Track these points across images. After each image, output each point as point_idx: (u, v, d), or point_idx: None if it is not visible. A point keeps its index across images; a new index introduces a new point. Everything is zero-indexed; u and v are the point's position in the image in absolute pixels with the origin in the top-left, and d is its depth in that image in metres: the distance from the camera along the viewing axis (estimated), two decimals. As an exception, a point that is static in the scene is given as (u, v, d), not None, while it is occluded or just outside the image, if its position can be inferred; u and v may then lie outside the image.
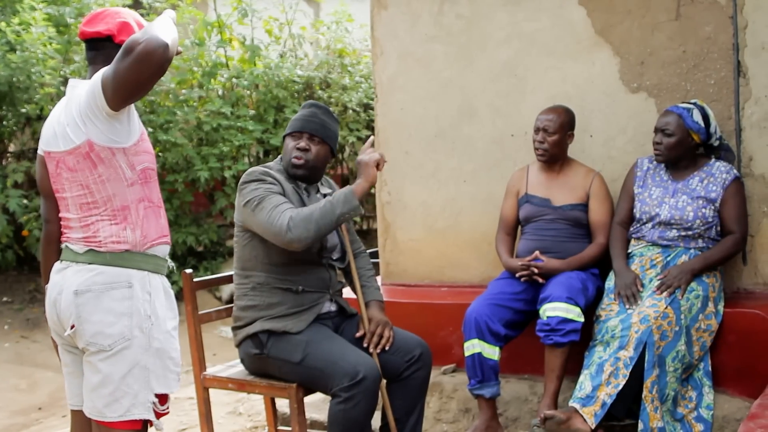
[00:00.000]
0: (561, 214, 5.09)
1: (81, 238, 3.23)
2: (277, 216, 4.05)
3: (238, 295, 4.43)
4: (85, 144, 3.12)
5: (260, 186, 4.22)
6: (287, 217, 4.02)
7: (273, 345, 4.26)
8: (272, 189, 4.20)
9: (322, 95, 9.56)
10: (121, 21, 3.27)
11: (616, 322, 4.60)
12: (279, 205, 4.10)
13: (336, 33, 10.17)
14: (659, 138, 4.88)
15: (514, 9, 5.65)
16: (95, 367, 3.19)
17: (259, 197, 4.16)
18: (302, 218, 4.01)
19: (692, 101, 4.94)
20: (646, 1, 5.31)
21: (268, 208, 4.09)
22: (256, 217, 4.15)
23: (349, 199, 4.04)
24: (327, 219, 4.02)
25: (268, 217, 4.07)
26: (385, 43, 6.08)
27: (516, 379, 5.31)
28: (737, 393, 4.81)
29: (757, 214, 5.13)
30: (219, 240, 9.48)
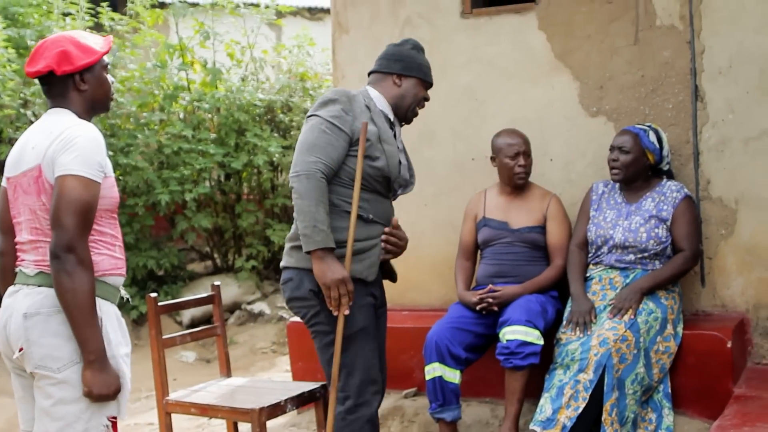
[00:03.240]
0: (519, 237, 5.11)
1: (32, 260, 3.21)
2: (307, 154, 3.90)
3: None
4: (36, 168, 3.15)
5: (338, 116, 3.99)
6: (309, 167, 3.86)
7: None
8: (341, 128, 3.97)
9: (283, 119, 9.55)
10: (59, 51, 3.23)
11: (576, 345, 4.61)
12: (321, 148, 3.91)
13: (298, 57, 10.15)
14: (616, 155, 4.92)
15: (474, 33, 5.68)
16: (46, 392, 3.15)
17: (324, 123, 3.96)
18: (307, 189, 3.84)
19: (647, 124, 5.00)
20: (605, 26, 5.37)
21: (314, 138, 3.93)
22: (303, 131, 4.04)
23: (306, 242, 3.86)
24: (301, 214, 3.84)
25: (306, 146, 3.93)
26: (346, 68, 6.10)
27: (477, 402, 5.30)
28: (697, 415, 4.83)
29: (715, 236, 5.18)
30: (180, 264, 9.42)
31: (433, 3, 5.80)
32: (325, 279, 3.86)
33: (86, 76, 3.28)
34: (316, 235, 3.83)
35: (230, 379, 5.03)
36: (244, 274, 9.32)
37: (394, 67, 4.27)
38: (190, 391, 4.79)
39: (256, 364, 7.96)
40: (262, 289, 9.51)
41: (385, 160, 4.10)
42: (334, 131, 3.96)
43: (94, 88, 3.31)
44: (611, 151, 4.97)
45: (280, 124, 9.64)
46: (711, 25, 5.15)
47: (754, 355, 5.16)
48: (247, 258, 9.45)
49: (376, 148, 4.06)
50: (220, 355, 5.09)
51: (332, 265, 3.87)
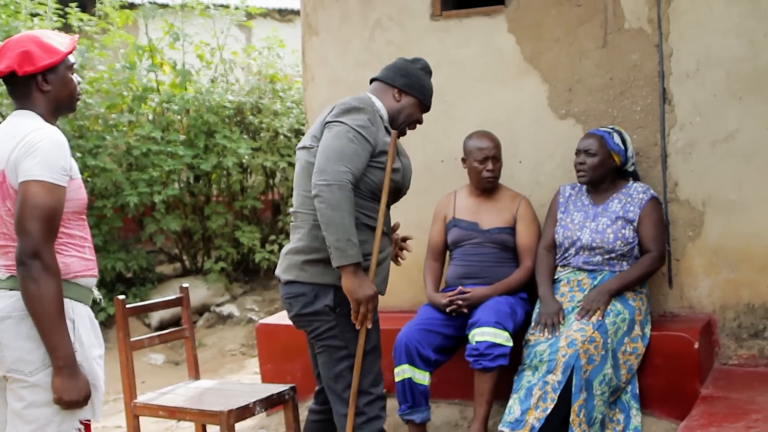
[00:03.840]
0: (488, 238, 5.13)
1: (3, 264, 3.19)
2: (336, 162, 3.76)
3: (313, 223, 3.91)
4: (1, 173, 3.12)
5: (364, 126, 3.90)
6: (341, 177, 3.74)
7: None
8: (368, 138, 3.88)
9: (253, 120, 9.52)
10: (21, 52, 3.18)
11: (545, 347, 4.63)
12: (349, 157, 3.80)
13: (267, 58, 10.12)
14: (582, 158, 4.96)
15: (444, 36, 5.69)
16: (18, 395, 3.13)
17: (351, 132, 3.84)
18: (339, 200, 3.71)
19: (610, 126, 5.04)
20: (574, 29, 5.39)
21: (343, 146, 3.80)
22: (327, 137, 3.86)
23: (338, 256, 3.74)
24: (333, 226, 3.71)
25: (335, 154, 3.78)
26: (316, 69, 6.09)
27: (446, 403, 5.31)
28: (664, 415, 4.87)
29: (683, 238, 5.21)
30: (148, 266, 9.37)
31: (403, 5, 5.81)
32: (357, 295, 3.79)
33: (49, 77, 3.24)
34: (350, 249, 3.73)
35: (199, 382, 5.01)
36: (213, 276, 9.28)
37: (398, 81, 4.20)
38: (159, 394, 4.77)
39: (225, 366, 7.93)
40: (231, 291, 9.48)
41: (401, 172, 4.07)
42: (360, 141, 3.85)
43: (58, 88, 3.27)
44: (577, 154, 5.00)
45: (249, 126, 9.60)
46: (679, 28, 5.18)
47: (721, 356, 5.20)
48: (216, 260, 9.41)
49: (396, 161, 4.02)
50: (188, 358, 5.08)
51: (364, 281, 3.81)
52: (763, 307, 5.12)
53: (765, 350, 5.12)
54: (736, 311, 5.16)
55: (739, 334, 5.17)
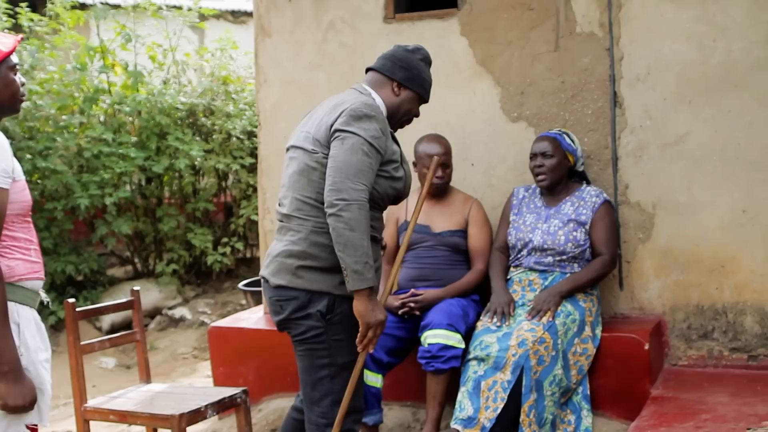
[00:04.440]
0: (440, 241, 5.14)
1: None
2: (354, 180, 3.61)
3: (311, 230, 3.78)
4: None
5: (377, 137, 3.73)
6: (360, 196, 3.61)
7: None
8: (379, 150, 3.74)
9: (205, 122, 9.47)
10: None
11: (493, 339, 4.65)
12: (365, 174, 3.67)
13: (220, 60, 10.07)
14: (540, 161, 4.98)
15: (397, 38, 5.68)
16: (-39, 399, 3.09)
17: (365, 145, 3.68)
18: (359, 220, 3.58)
19: (557, 129, 5.09)
20: (526, 32, 5.42)
21: (358, 161, 3.65)
22: (341, 150, 3.67)
23: (356, 280, 3.60)
24: (352, 248, 3.57)
25: (352, 171, 3.62)
26: (269, 71, 6.08)
27: (399, 406, 5.31)
28: (615, 416, 4.90)
29: (633, 240, 5.26)
30: (99, 269, 9.29)
31: (356, 8, 5.81)
32: (368, 319, 3.65)
33: None
34: (367, 273, 3.60)
35: (150, 385, 4.98)
36: (165, 279, 9.23)
37: (398, 75, 4.00)
38: (109, 398, 4.73)
39: (177, 369, 7.88)
40: (184, 294, 9.42)
41: (404, 180, 3.93)
42: (373, 154, 3.69)
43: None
44: (533, 158, 5.03)
45: (202, 128, 9.55)
46: (629, 32, 5.23)
47: (671, 357, 5.25)
48: (168, 262, 9.36)
49: (399, 169, 3.89)
50: (139, 361, 5.04)
51: (376, 306, 3.69)
52: (711, 309, 5.18)
53: (714, 351, 5.17)
54: (686, 312, 5.22)
55: (688, 335, 5.23)
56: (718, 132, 5.08)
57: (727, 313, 5.16)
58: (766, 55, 4.99)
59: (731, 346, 5.15)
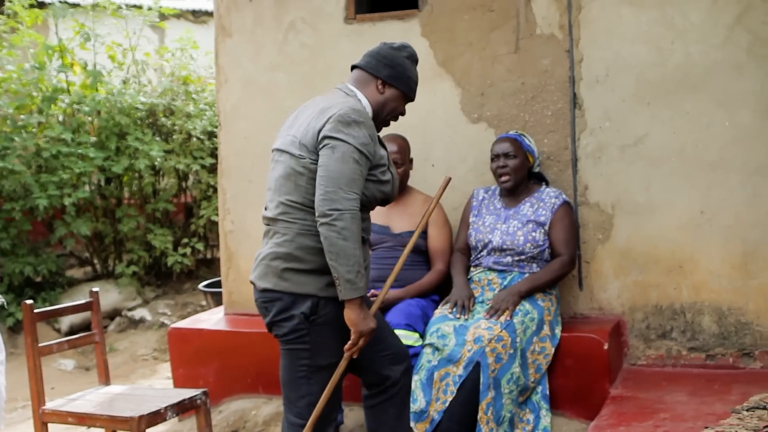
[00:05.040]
0: (400, 241, 5.14)
1: None
2: (346, 190, 3.63)
3: (298, 232, 3.79)
4: None
5: (366, 143, 3.74)
6: (352, 205, 3.64)
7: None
8: (368, 156, 3.76)
9: (165, 123, 9.42)
10: None
11: (450, 328, 4.68)
12: (357, 182, 3.69)
13: (181, 60, 10.03)
14: (503, 162, 5.00)
15: (358, 39, 5.69)
16: None
17: (355, 153, 3.69)
18: (352, 230, 3.61)
19: (514, 131, 5.11)
20: (487, 34, 5.44)
21: (349, 171, 3.66)
22: (332, 159, 3.67)
23: (348, 289, 3.64)
24: (345, 257, 3.60)
25: (344, 180, 3.64)
26: (229, 71, 6.06)
27: (359, 406, 5.29)
28: (574, 416, 4.93)
29: (593, 241, 5.29)
30: (58, 270, 9.22)
31: (317, 8, 5.81)
32: (360, 327, 3.71)
33: None
34: (359, 282, 3.65)
35: (109, 387, 4.94)
36: (125, 280, 9.17)
37: (382, 72, 3.99)
38: (68, 400, 4.70)
39: (137, 371, 7.84)
40: (144, 295, 9.37)
41: (391, 184, 3.95)
42: (363, 161, 3.72)
43: None
44: (495, 159, 5.05)
45: (162, 128, 9.50)
46: (589, 34, 5.26)
47: (630, 357, 5.29)
48: (128, 263, 9.31)
49: (386, 172, 3.91)
50: (98, 363, 5.01)
51: (368, 315, 3.75)
52: (670, 309, 5.22)
53: (672, 350, 5.22)
54: (645, 312, 5.26)
55: (647, 335, 5.27)
56: (677, 133, 5.12)
57: (686, 312, 5.20)
58: (723, 58, 5.04)
59: (689, 346, 5.20)
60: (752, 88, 5.00)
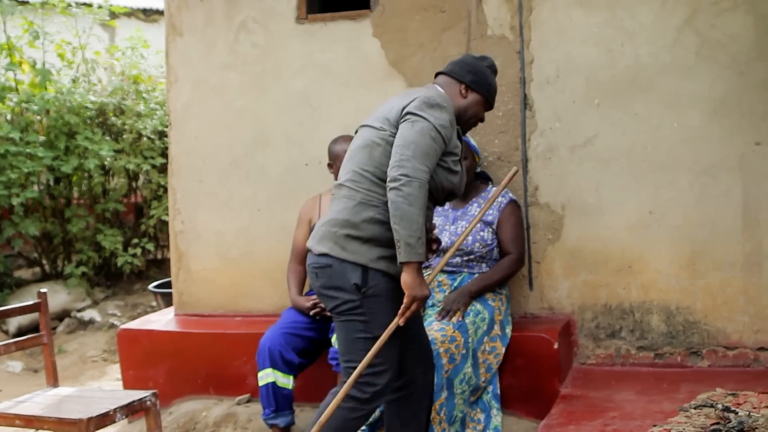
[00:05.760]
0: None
1: None
2: (420, 160, 3.76)
3: (360, 201, 3.92)
4: None
5: (445, 126, 3.90)
6: (422, 176, 3.75)
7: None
8: (445, 139, 3.90)
9: (115, 122, 9.34)
10: None
11: None
12: (430, 157, 3.82)
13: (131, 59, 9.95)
14: None
15: (310, 39, 5.68)
16: None
17: (433, 131, 3.84)
18: (418, 197, 3.72)
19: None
20: (438, 34, 5.45)
21: (425, 145, 3.80)
22: (411, 131, 3.83)
23: (408, 252, 3.72)
24: (407, 221, 3.70)
25: (419, 151, 3.77)
26: (180, 71, 6.02)
27: (310, 407, 5.29)
28: (525, 415, 4.95)
29: (543, 241, 5.32)
30: (6, 271, 9.11)
31: (268, 8, 5.79)
32: (415, 292, 3.78)
33: None
34: (419, 248, 3.74)
35: (57, 389, 4.89)
36: (74, 281, 9.08)
37: (466, 78, 4.18)
38: (15, 403, 4.64)
39: (86, 372, 7.77)
40: (93, 296, 9.29)
41: (460, 176, 4.08)
42: (438, 140, 3.86)
43: None
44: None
45: (112, 128, 9.42)
46: (540, 36, 5.29)
47: (580, 356, 5.33)
48: (77, 264, 9.22)
49: (457, 164, 4.04)
50: (46, 365, 4.95)
51: (423, 281, 3.82)
52: (619, 308, 5.26)
53: (621, 350, 5.26)
54: (594, 312, 5.29)
55: (596, 335, 5.30)
56: (626, 134, 5.16)
57: (634, 312, 5.25)
58: (672, 59, 5.09)
59: (638, 345, 5.24)
60: (700, 90, 5.06)
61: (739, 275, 5.09)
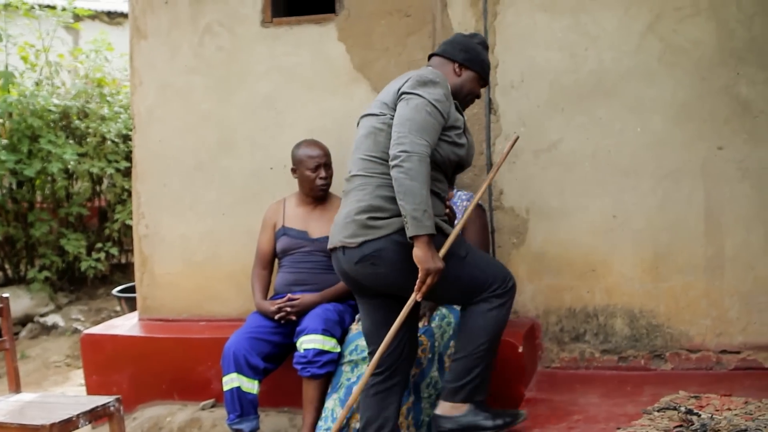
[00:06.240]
0: (318, 246, 5.14)
1: None
2: (417, 135, 3.85)
3: (377, 184, 4.01)
4: None
5: (440, 100, 3.99)
6: (421, 149, 3.83)
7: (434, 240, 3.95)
8: (442, 113, 3.98)
9: (79, 125, 9.29)
10: None
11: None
12: (429, 131, 3.91)
13: (95, 62, 9.90)
14: None
15: (275, 43, 5.68)
16: None
17: (428, 106, 3.94)
18: (419, 171, 3.80)
19: None
20: (403, 39, 5.45)
21: (421, 119, 3.90)
22: (406, 109, 3.94)
23: (415, 226, 3.79)
24: (410, 195, 3.77)
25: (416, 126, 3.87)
26: (144, 74, 5.98)
27: (275, 412, 5.29)
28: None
29: (507, 245, 5.34)
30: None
31: (233, 11, 5.77)
32: (428, 265, 3.83)
33: None
34: (426, 220, 3.81)
35: (20, 395, 4.84)
36: (37, 286, 9.02)
37: (458, 56, 4.30)
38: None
39: (49, 378, 7.71)
40: (56, 301, 9.23)
41: (466, 149, 4.17)
42: (435, 114, 3.95)
43: None
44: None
45: (75, 131, 9.36)
46: (504, 40, 5.31)
47: (544, 360, 5.35)
48: (41, 269, 9.15)
49: (462, 136, 4.13)
50: (8, 370, 4.90)
51: (435, 254, 3.87)
52: (583, 312, 5.29)
53: (585, 353, 5.29)
54: (558, 316, 5.32)
55: (561, 338, 5.33)
56: (590, 139, 5.19)
57: (598, 315, 5.28)
58: (636, 64, 5.13)
59: (602, 348, 5.27)
60: (663, 95, 5.10)
61: (701, 279, 5.13)
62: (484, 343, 4.13)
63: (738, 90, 5.03)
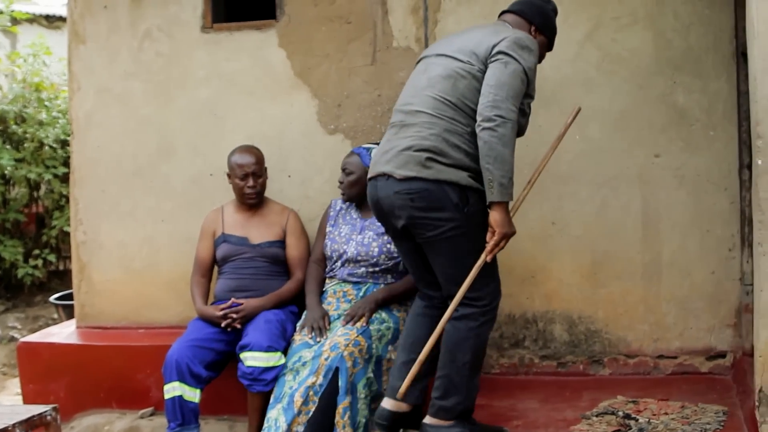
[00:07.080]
0: (259, 252, 5.13)
1: None
2: (512, 102, 3.92)
3: (446, 128, 4.02)
4: None
5: (533, 67, 4.09)
6: (514, 116, 3.92)
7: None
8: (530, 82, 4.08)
9: (16, 130, 9.17)
10: None
11: (311, 353, 4.66)
12: (518, 99, 3.99)
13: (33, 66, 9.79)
14: (342, 177, 5.03)
15: (215, 48, 5.65)
16: None
17: (523, 74, 4.02)
18: (511, 138, 3.90)
19: (373, 143, 5.10)
20: (344, 45, 5.46)
21: (516, 87, 3.97)
22: (504, 72, 3.97)
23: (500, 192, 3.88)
24: (501, 161, 3.85)
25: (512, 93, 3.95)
26: (83, 79, 5.92)
27: (215, 420, 5.26)
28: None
29: (448, 252, 5.34)
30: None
31: (173, 16, 5.73)
32: (505, 229, 3.95)
33: None
34: (510, 188, 3.91)
35: (-46, 404, 4.78)
36: (-27, 293, 8.91)
37: (536, 20, 4.33)
38: None
39: (-15, 387, 7.62)
40: (-8, 309, 9.11)
41: (527, 119, 4.27)
42: (525, 84, 4.03)
43: None
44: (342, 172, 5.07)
45: (13, 136, 9.24)
46: (444, 47, 5.33)
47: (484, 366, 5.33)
48: (-24, 276, 9.04)
49: (530, 107, 4.23)
50: (-58, 379, 4.84)
51: (510, 220, 4.00)
52: (523, 318, 5.33)
53: (525, 359, 5.32)
54: (498, 322, 5.31)
55: (500, 344, 5.35)
56: (529, 146, 5.17)
57: (538, 321, 5.31)
58: (574, 73, 5.18)
59: (541, 354, 5.31)
60: (601, 103, 5.15)
61: (639, 284, 5.20)
62: (468, 362, 4.14)
63: (675, 98, 5.10)
